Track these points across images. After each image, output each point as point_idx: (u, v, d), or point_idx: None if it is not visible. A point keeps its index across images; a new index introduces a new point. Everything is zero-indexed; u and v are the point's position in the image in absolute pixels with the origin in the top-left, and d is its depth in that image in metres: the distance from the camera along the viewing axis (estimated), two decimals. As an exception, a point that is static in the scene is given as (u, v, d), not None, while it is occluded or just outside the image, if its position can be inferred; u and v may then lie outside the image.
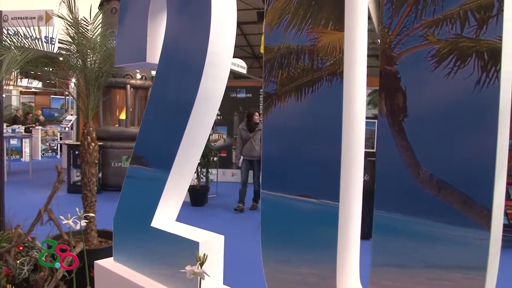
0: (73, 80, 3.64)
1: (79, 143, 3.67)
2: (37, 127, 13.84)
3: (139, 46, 2.16)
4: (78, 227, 2.49)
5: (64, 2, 3.22)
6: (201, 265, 1.58)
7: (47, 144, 13.92)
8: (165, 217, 2.09)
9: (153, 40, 2.13)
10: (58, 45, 4.98)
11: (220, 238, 1.95)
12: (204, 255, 1.60)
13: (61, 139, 13.50)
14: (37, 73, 3.76)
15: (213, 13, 1.82)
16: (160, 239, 2.00)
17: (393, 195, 1.23)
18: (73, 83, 3.69)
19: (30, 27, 3.61)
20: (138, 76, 9.05)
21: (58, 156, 13.75)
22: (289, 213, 1.51)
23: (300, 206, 1.47)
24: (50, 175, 3.78)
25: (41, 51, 3.36)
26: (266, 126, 1.57)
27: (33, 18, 4.43)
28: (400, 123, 1.21)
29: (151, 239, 2.05)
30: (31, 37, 3.44)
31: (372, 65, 4.40)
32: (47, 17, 4.48)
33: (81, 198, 3.57)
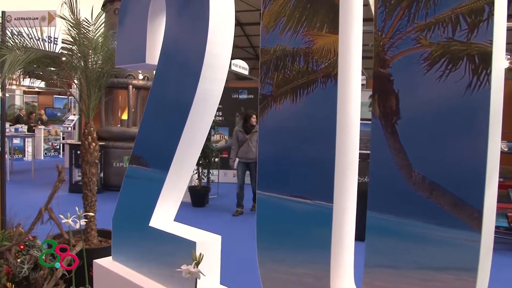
0: (75, 81, 3.66)
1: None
2: (40, 127, 13.90)
3: (139, 47, 2.17)
4: (78, 226, 2.51)
5: (66, 3, 3.25)
6: (197, 265, 1.59)
7: (50, 144, 13.98)
8: (163, 217, 2.11)
9: (153, 41, 2.15)
10: (62, 45, 5.01)
11: (217, 238, 1.96)
12: (200, 255, 1.62)
13: (64, 139, 13.56)
14: (40, 73, 3.79)
15: (211, 15, 1.83)
16: (158, 239, 2.01)
17: (386, 197, 1.25)
18: (75, 84, 3.70)
19: (33, 28, 3.64)
20: (140, 77, 9.09)
21: (61, 156, 13.81)
22: (284, 214, 1.52)
23: (295, 207, 1.48)
24: (52, 175, 3.81)
25: (43, 51, 3.39)
26: (262, 128, 1.58)
27: (36, 19, 4.47)
28: (393, 125, 1.22)
29: (149, 239, 2.06)
30: (34, 38, 3.46)
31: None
32: (50, 18, 4.51)
33: (82, 198, 3.59)
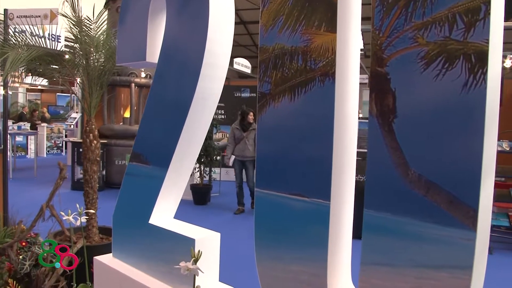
0: (78, 79, 3.67)
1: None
2: (43, 125, 13.94)
3: (139, 45, 2.18)
4: (78, 223, 2.53)
5: (67, 1, 3.26)
6: (196, 262, 1.60)
7: (52, 141, 14.03)
8: (163, 214, 2.12)
9: (153, 40, 2.16)
10: (65, 43, 5.03)
11: (217, 236, 1.97)
12: (199, 252, 1.63)
13: (66, 137, 13.61)
14: (42, 71, 3.80)
15: (211, 13, 1.84)
16: (158, 236, 2.02)
17: (382, 195, 1.25)
18: (77, 82, 3.72)
19: (35, 26, 3.65)
20: (143, 75, 9.11)
21: (63, 154, 13.86)
22: (282, 212, 1.53)
23: (293, 205, 1.49)
24: (55, 172, 3.83)
25: (45, 49, 3.40)
26: (260, 126, 1.59)
27: (38, 17, 4.48)
28: (390, 124, 1.23)
29: (149, 236, 2.07)
30: (37, 35, 3.48)
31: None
32: (52, 16, 4.53)
33: (83, 195, 3.61)
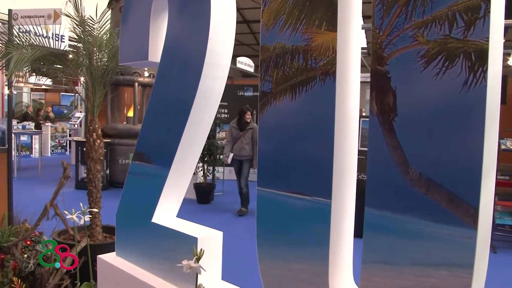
0: (81, 79, 3.69)
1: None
2: (47, 124, 14.00)
3: (142, 45, 2.19)
4: (82, 222, 2.54)
5: (71, 2, 3.28)
6: (198, 260, 1.61)
7: (57, 141, 14.09)
8: (166, 213, 2.13)
9: (155, 39, 2.17)
10: (68, 43, 5.06)
11: (219, 234, 1.97)
12: (201, 250, 1.63)
13: (70, 136, 13.66)
14: (46, 70, 3.82)
15: (213, 13, 1.84)
16: (160, 235, 2.03)
17: (383, 193, 1.25)
18: (80, 81, 3.73)
19: (39, 26, 3.67)
20: (146, 74, 9.13)
21: (67, 153, 13.91)
22: (283, 210, 1.53)
23: (294, 203, 1.49)
24: (59, 171, 3.85)
25: (49, 49, 3.42)
26: (262, 124, 1.60)
27: (42, 17, 4.51)
28: (390, 122, 1.23)
29: (152, 235, 2.08)
30: (41, 35, 3.50)
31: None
32: (56, 16, 4.55)
33: (87, 194, 3.63)
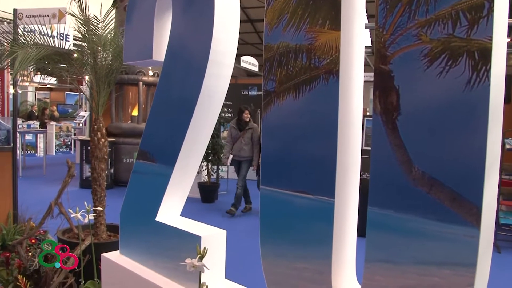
0: (86, 78, 3.71)
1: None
2: (52, 123, 14.06)
3: (146, 44, 2.20)
4: (86, 221, 2.55)
5: (75, 1, 3.29)
6: (201, 259, 1.61)
7: (61, 140, 14.15)
8: (170, 212, 2.13)
9: (159, 38, 2.18)
10: (73, 42, 5.08)
11: (223, 233, 1.98)
12: (205, 249, 1.64)
13: (75, 135, 13.71)
14: (50, 69, 3.84)
15: (217, 12, 1.85)
16: (164, 233, 2.04)
17: (386, 192, 1.25)
18: (85, 80, 3.75)
19: (44, 25, 3.69)
20: (151, 73, 9.15)
21: (72, 152, 13.96)
22: (287, 209, 1.53)
23: (297, 202, 1.49)
24: (63, 170, 3.87)
25: (53, 48, 3.43)
26: (265, 123, 1.60)
27: (47, 16, 4.53)
28: (394, 121, 1.23)
29: (156, 233, 2.09)
30: (46, 35, 3.51)
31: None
32: (60, 15, 4.57)
33: (91, 193, 3.64)
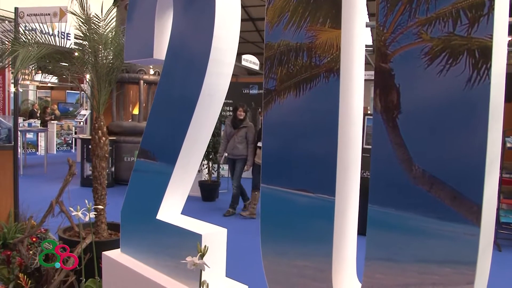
0: (87, 76, 3.71)
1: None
2: (53, 122, 14.07)
3: (147, 42, 2.20)
4: (87, 219, 2.56)
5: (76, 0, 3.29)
6: (202, 257, 1.61)
7: (62, 138, 14.16)
8: (170, 210, 2.14)
9: (160, 37, 2.18)
10: (74, 41, 5.08)
11: (223, 231, 1.98)
12: (205, 247, 1.64)
13: (76, 134, 13.72)
14: (53, 68, 3.84)
15: (217, 10, 1.85)
16: (165, 231, 2.04)
17: (387, 191, 1.26)
18: (86, 79, 3.75)
19: (45, 23, 3.69)
20: (152, 72, 9.15)
21: (73, 150, 13.97)
22: (287, 207, 1.54)
23: (298, 200, 1.50)
24: (64, 169, 3.87)
25: (54, 47, 3.44)
26: (266, 122, 1.60)
27: (48, 15, 4.53)
28: (394, 120, 1.23)
29: (157, 231, 2.10)
30: (47, 33, 3.51)
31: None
32: (61, 14, 4.57)
33: (92, 191, 3.65)
